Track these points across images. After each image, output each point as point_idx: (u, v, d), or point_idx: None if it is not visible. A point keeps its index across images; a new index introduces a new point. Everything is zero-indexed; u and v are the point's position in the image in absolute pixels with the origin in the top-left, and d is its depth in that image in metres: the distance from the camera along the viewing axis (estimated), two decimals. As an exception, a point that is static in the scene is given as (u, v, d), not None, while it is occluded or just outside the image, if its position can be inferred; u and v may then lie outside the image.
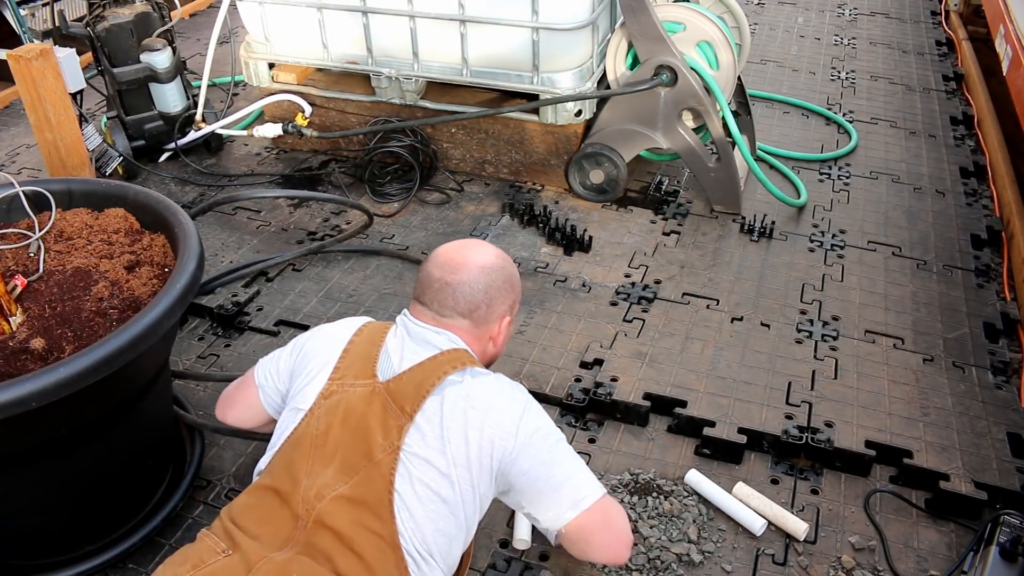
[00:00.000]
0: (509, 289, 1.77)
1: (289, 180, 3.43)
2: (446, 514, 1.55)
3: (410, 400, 1.59)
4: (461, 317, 1.71)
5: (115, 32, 3.23)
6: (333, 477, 1.53)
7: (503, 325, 1.78)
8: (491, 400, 1.63)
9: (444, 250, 1.77)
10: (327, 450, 1.57)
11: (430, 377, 1.61)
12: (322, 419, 1.61)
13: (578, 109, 3.12)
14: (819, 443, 2.19)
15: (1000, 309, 2.73)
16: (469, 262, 1.73)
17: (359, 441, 1.56)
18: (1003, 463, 2.18)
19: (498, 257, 1.78)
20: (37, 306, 1.78)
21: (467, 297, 1.70)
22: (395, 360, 1.66)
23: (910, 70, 4.43)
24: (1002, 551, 1.83)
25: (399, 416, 1.57)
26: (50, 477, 1.77)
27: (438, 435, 1.56)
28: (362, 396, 1.61)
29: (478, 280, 1.71)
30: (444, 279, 1.71)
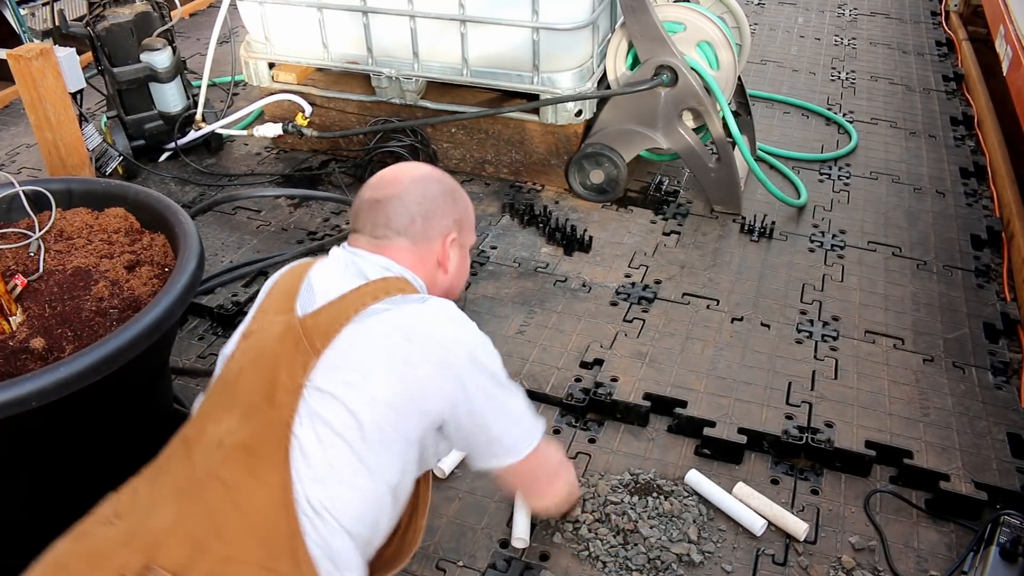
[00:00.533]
0: (450, 201, 1.58)
1: (289, 180, 3.43)
2: (354, 463, 1.33)
3: (322, 334, 1.39)
4: (397, 235, 1.53)
5: (115, 32, 3.22)
6: (235, 423, 1.37)
7: (447, 243, 1.58)
8: (432, 332, 1.42)
9: (376, 175, 1.62)
10: (235, 394, 1.41)
11: (347, 310, 1.41)
12: (237, 360, 1.46)
13: (578, 109, 3.12)
14: (819, 443, 2.19)
15: (1000, 309, 2.73)
16: (400, 177, 1.58)
17: (264, 382, 1.38)
18: (1003, 463, 2.18)
19: (435, 170, 1.62)
20: (37, 306, 1.78)
21: (399, 211, 1.53)
22: (318, 292, 1.47)
23: (910, 70, 4.43)
24: (1002, 551, 1.83)
25: (307, 353, 1.37)
26: (49, 477, 1.77)
27: (353, 368, 1.36)
28: (277, 334, 1.43)
29: (410, 191, 1.55)
30: (374, 197, 1.55)
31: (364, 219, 1.55)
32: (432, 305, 1.46)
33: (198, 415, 1.45)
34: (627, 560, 1.93)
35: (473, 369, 1.42)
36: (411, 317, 1.42)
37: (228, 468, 1.33)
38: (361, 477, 1.34)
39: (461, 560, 1.94)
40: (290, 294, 1.47)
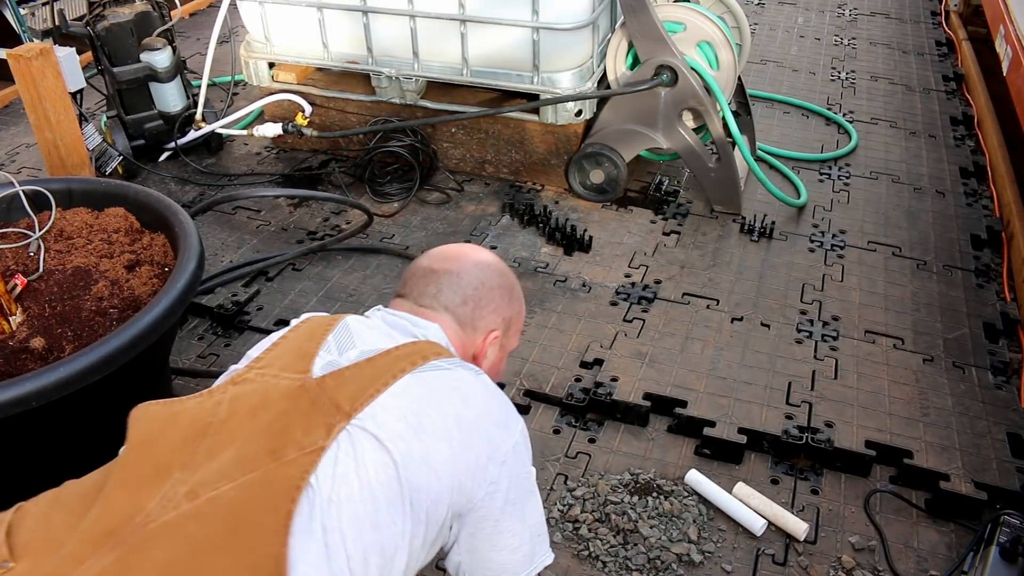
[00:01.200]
0: (506, 298, 1.48)
1: (289, 180, 3.43)
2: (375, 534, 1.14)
3: (351, 398, 1.21)
4: (444, 310, 1.42)
5: (115, 31, 3.22)
6: (218, 474, 1.12)
7: (488, 341, 1.46)
8: (488, 407, 1.30)
9: (439, 247, 1.53)
10: (220, 440, 1.17)
11: (383, 374, 1.25)
12: (224, 405, 1.22)
13: (578, 109, 3.12)
14: (819, 443, 2.19)
15: (1000, 309, 2.73)
16: (465, 255, 1.48)
17: (268, 437, 1.16)
18: (1003, 463, 2.18)
19: (500, 262, 1.52)
20: (37, 305, 1.78)
21: (453, 287, 1.43)
22: (342, 353, 1.30)
23: (910, 70, 4.44)
24: (1002, 551, 1.83)
25: (332, 414, 1.19)
26: (49, 478, 1.76)
27: (401, 419, 1.20)
28: (285, 390, 1.23)
29: (470, 272, 1.45)
30: (431, 267, 1.46)
31: (412, 285, 1.45)
32: (487, 379, 1.35)
33: (146, 447, 1.19)
34: (627, 560, 1.93)
35: (515, 461, 1.29)
36: (471, 382, 1.31)
37: (201, 524, 1.07)
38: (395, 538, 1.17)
39: (461, 560, 1.94)
40: (303, 356, 1.29)
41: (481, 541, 1.28)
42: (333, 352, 1.30)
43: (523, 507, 1.31)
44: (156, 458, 1.16)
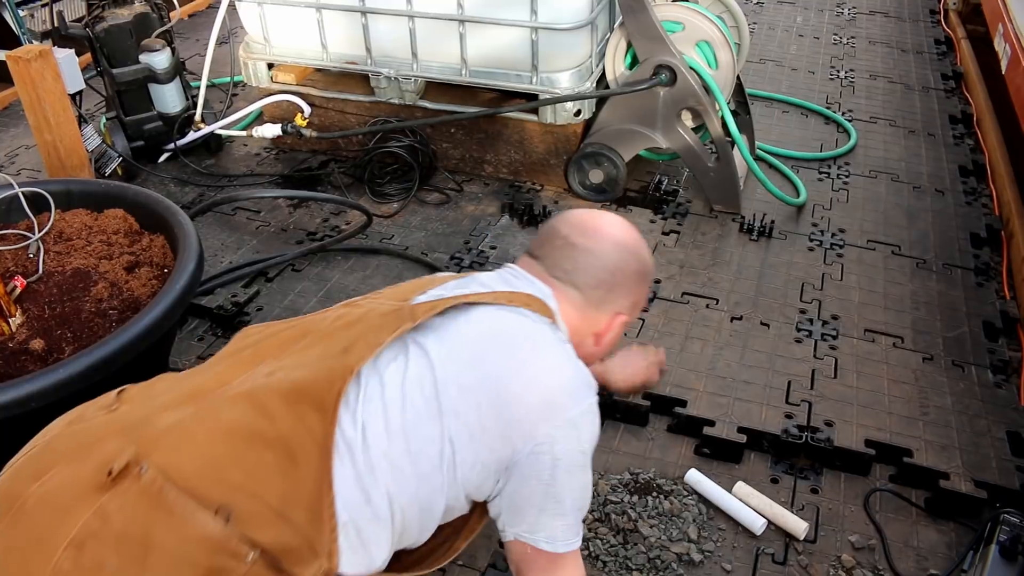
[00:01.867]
0: (639, 282, 1.48)
1: (288, 180, 3.43)
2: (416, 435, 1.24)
3: (424, 311, 1.31)
4: (573, 287, 1.42)
5: (114, 33, 3.22)
6: (295, 363, 1.29)
7: (615, 323, 1.48)
8: (559, 369, 1.30)
9: (579, 212, 1.49)
10: (313, 340, 1.34)
11: (474, 298, 1.34)
12: (329, 319, 1.38)
13: (577, 109, 3.12)
14: (819, 442, 2.19)
15: (999, 308, 2.73)
16: (605, 232, 1.45)
17: (348, 340, 1.30)
18: (1003, 462, 2.18)
19: (638, 240, 1.49)
20: (37, 307, 1.78)
21: (589, 267, 1.42)
22: (441, 295, 1.39)
23: (909, 69, 4.43)
24: (1002, 550, 1.83)
25: (404, 319, 1.31)
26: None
27: (463, 343, 1.28)
28: (383, 311, 1.36)
29: (609, 254, 1.43)
30: (571, 239, 1.43)
31: (548, 253, 1.45)
32: (571, 349, 1.36)
33: (254, 345, 1.36)
34: (627, 559, 1.93)
35: (572, 432, 1.30)
36: (551, 343, 1.33)
37: (268, 395, 1.23)
38: (432, 456, 1.25)
39: (461, 560, 1.94)
40: (412, 290, 1.43)
41: (523, 499, 1.30)
42: (448, 289, 1.41)
43: (570, 480, 1.31)
44: (258, 351, 1.34)
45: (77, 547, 1.11)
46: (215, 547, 1.13)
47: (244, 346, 1.38)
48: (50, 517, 1.13)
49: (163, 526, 1.12)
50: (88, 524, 1.12)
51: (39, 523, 1.14)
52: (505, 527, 1.35)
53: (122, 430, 1.20)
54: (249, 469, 1.18)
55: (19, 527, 1.14)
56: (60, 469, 1.17)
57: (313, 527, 1.18)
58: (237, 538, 1.14)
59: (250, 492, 1.16)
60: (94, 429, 1.23)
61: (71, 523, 1.12)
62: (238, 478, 1.17)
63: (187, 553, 1.12)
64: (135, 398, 1.29)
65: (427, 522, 1.32)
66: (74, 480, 1.15)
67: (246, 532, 1.15)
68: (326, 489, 1.19)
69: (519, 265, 1.48)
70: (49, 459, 1.19)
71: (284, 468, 1.18)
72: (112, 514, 1.12)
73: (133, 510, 1.12)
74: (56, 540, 1.11)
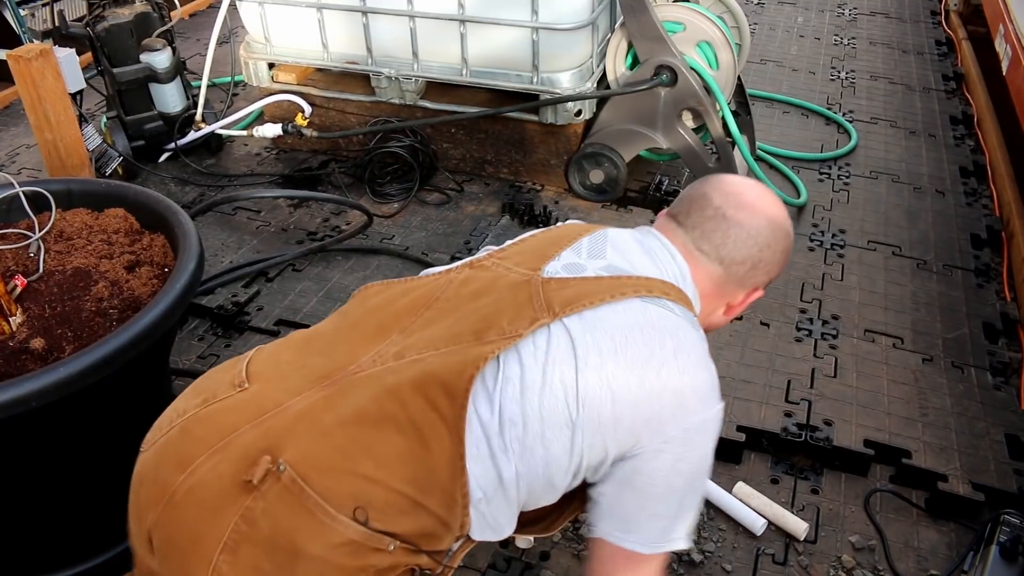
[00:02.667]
0: (781, 261, 1.43)
1: (289, 180, 3.43)
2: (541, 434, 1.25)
3: (564, 302, 1.27)
4: (717, 262, 1.38)
5: (115, 32, 3.23)
6: (425, 343, 1.27)
7: (750, 296, 1.46)
8: (697, 371, 1.27)
9: (732, 180, 1.43)
10: (439, 312, 1.31)
11: (605, 292, 1.29)
12: (454, 285, 1.35)
13: (578, 109, 3.12)
14: (818, 441, 2.19)
15: (1000, 309, 2.73)
16: (760, 208, 1.39)
17: (478, 318, 1.28)
18: (1001, 464, 2.18)
19: (787, 216, 1.43)
20: (37, 306, 1.78)
21: (738, 243, 1.37)
22: (591, 257, 1.35)
23: (910, 70, 4.44)
24: (1002, 551, 1.83)
25: (541, 311, 1.27)
26: (48, 478, 1.77)
27: (609, 336, 1.24)
28: (512, 281, 1.32)
29: (761, 232, 1.37)
30: (724, 211, 1.37)
31: (696, 223, 1.40)
32: (707, 349, 1.33)
33: (377, 311, 1.35)
34: None
35: (698, 436, 1.27)
36: (693, 342, 1.30)
37: (398, 379, 1.22)
38: (556, 450, 1.25)
39: (461, 560, 1.94)
40: (541, 257, 1.37)
41: (632, 492, 1.28)
42: (582, 255, 1.36)
43: (687, 483, 1.28)
44: (381, 320, 1.32)
45: (231, 551, 1.15)
46: (358, 548, 1.17)
47: (368, 310, 1.37)
48: (200, 515, 1.17)
49: (306, 533, 1.15)
50: (238, 527, 1.15)
51: (191, 520, 1.17)
52: (597, 521, 1.32)
53: (255, 418, 1.21)
54: (380, 458, 1.19)
55: (173, 520, 1.19)
56: (203, 461, 1.19)
57: (446, 509, 1.22)
58: (378, 535, 1.17)
59: (383, 484, 1.18)
60: (229, 414, 1.23)
61: (221, 525, 1.15)
62: (369, 469, 1.18)
63: (333, 559, 1.16)
64: (263, 374, 1.29)
65: (547, 498, 1.33)
66: (218, 476, 1.17)
67: (384, 527, 1.18)
68: (459, 472, 1.21)
69: (659, 229, 1.43)
70: (190, 447, 1.21)
71: (416, 453, 1.20)
72: (259, 518, 1.15)
73: (277, 514, 1.15)
74: (210, 541, 1.15)
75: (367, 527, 1.17)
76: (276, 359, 1.32)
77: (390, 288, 1.41)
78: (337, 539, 1.15)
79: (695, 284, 1.38)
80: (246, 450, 1.18)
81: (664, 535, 1.29)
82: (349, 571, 1.17)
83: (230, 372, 1.31)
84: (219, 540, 1.15)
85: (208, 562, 1.14)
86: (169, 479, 1.19)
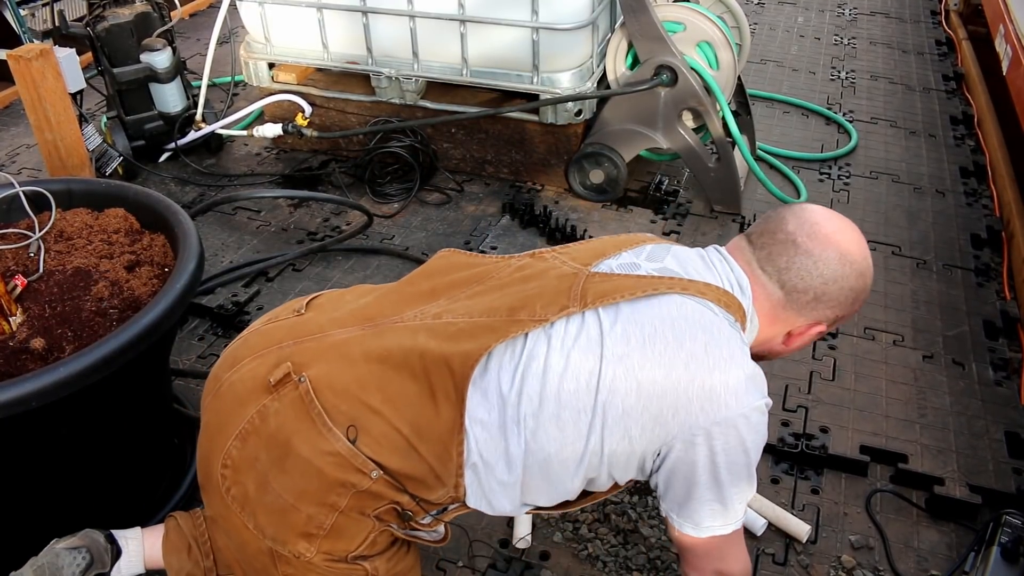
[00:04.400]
0: (850, 300, 1.40)
1: (289, 180, 3.43)
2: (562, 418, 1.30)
3: (598, 295, 1.32)
4: (778, 285, 1.38)
5: (115, 32, 3.23)
6: (466, 310, 1.35)
7: (811, 331, 1.44)
8: (728, 366, 1.28)
9: (814, 210, 1.42)
10: (487, 288, 1.40)
11: (645, 287, 1.32)
12: (510, 269, 1.43)
13: (578, 109, 3.12)
14: (814, 450, 2.19)
15: (1000, 308, 2.73)
16: (834, 240, 1.37)
17: (517, 299, 1.35)
18: (1000, 464, 2.18)
19: (866, 257, 1.40)
20: (37, 306, 1.78)
21: (803, 272, 1.36)
22: (650, 260, 1.39)
23: (910, 70, 4.43)
24: (1003, 551, 1.83)
25: (574, 300, 1.32)
26: (48, 477, 1.77)
27: (638, 325, 1.28)
28: (562, 273, 1.38)
29: (830, 264, 1.35)
30: (794, 238, 1.36)
31: (765, 244, 1.40)
32: (747, 349, 1.34)
33: (436, 276, 1.46)
34: (627, 560, 1.93)
35: (732, 431, 1.28)
36: (728, 338, 1.31)
37: (427, 335, 1.33)
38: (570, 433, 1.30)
39: (461, 560, 1.94)
40: (596, 254, 1.43)
41: (677, 479, 1.34)
42: (641, 257, 1.41)
43: (729, 473, 1.31)
44: (435, 285, 1.44)
45: (242, 439, 1.32)
46: (341, 462, 1.29)
47: (427, 274, 1.48)
48: (232, 405, 1.35)
49: (302, 436, 1.29)
50: (252, 420, 1.32)
51: (225, 408, 1.36)
52: (661, 500, 1.41)
53: (299, 336, 1.37)
54: (389, 395, 1.30)
55: (214, 408, 1.38)
56: (247, 363, 1.37)
57: (439, 462, 1.32)
58: (362, 457, 1.29)
59: (384, 417, 1.30)
60: (280, 331, 1.40)
61: (242, 415, 1.32)
62: (376, 401, 1.30)
63: (317, 463, 1.29)
64: (322, 306, 1.46)
65: (557, 484, 1.37)
66: (253, 376, 1.35)
67: (371, 454, 1.30)
68: (457, 430, 1.30)
69: (728, 246, 1.46)
70: (243, 351, 1.40)
71: (422, 401, 1.31)
72: (270, 416, 1.31)
73: (285, 415, 1.30)
74: (231, 428, 1.33)
75: (354, 446, 1.29)
76: (337, 298, 1.49)
77: (456, 257, 1.52)
78: (325, 447, 1.29)
79: (752, 300, 1.40)
80: (280, 359, 1.34)
81: (716, 516, 1.35)
82: (328, 480, 1.30)
83: (297, 301, 1.49)
84: (237, 428, 1.32)
85: (224, 445, 1.32)
86: (221, 375, 1.39)
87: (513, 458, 1.32)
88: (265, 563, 1.37)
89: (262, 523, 1.33)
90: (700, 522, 1.35)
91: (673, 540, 1.44)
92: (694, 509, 1.35)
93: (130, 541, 1.62)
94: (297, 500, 1.30)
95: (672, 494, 1.37)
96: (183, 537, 1.61)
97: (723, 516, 1.35)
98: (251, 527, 1.33)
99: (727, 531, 1.37)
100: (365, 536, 1.35)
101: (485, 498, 1.37)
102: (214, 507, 1.40)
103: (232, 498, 1.34)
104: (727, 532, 1.37)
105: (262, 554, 1.36)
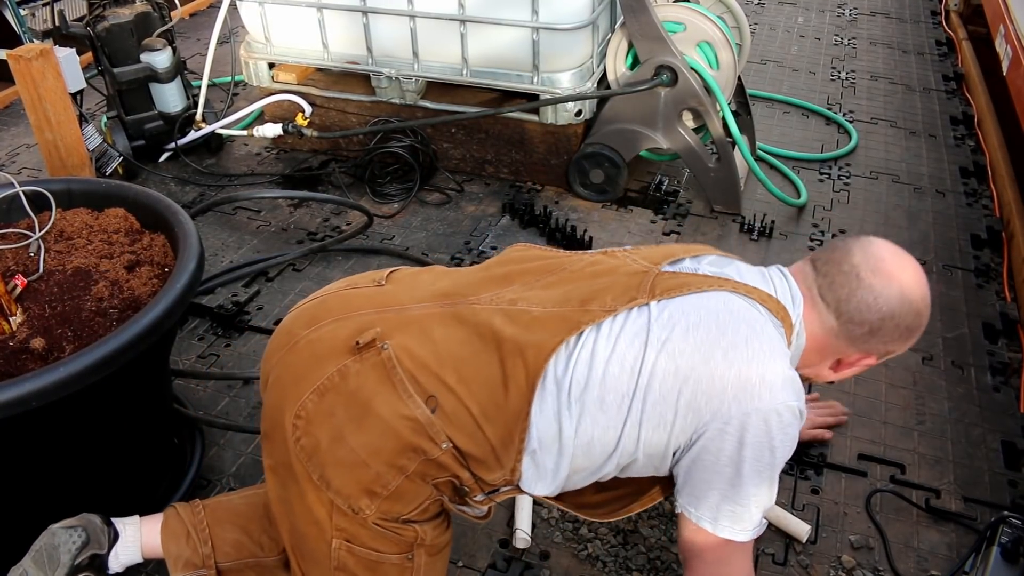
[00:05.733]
0: (905, 337, 1.43)
1: (289, 180, 3.43)
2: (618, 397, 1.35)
3: (665, 289, 1.39)
4: (835, 314, 1.41)
5: (115, 32, 3.23)
6: (539, 299, 1.42)
7: (861, 362, 1.48)
8: (767, 360, 1.32)
9: (881, 245, 1.43)
10: (560, 279, 1.47)
11: (703, 284, 1.40)
12: (583, 263, 1.51)
13: (578, 109, 3.12)
14: (812, 458, 2.19)
15: (1000, 309, 2.73)
16: (896, 277, 1.39)
17: (590, 291, 1.42)
18: (995, 476, 2.17)
19: (924, 297, 1.42)
20: (37, 306, 1.78)
21: (861, 304, 1.39)
22: (696, 268, 1.46)
23: (910, 70, 4.43)
24: (1004, 552, 1.83)
25: (643, 293, 1.39)
26: (48, 477, 1.77)
27: (684, 313, 1.35)
28: (632, 270, 1.46)
29: (889, 302, 1.38)
30: (859, 270, 1.39)
31: (828, 272, 1.43)
32: (787, 352, 1.38)
33: (513, 263, 1.53)
34: (627, 560, 1.93)
35: (762, 425, 1.31)
36: (770, 337, 1.35)
37: (503, 320, 1.39)
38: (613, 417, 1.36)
39: (461, 560, 1.94)
40: (668, 256, 1.50)
41: (699, 468, 1.36)
42: (702, 263, 1.48)
43: (753, 470, 1.33)
44: (510, 272, 1.50)
45: (320, 394, 1.36)
46: (418, 428, 1.35)
47: (502, 262, 1.55)
48: (309, 361, 1.39)
49: (382, 398, 1.35)
50: (331, 378, 1.37)
51: (301, 364, 1.40)
52: (676, 494, 1.43)
53: (380, 306, 1.43)
54: (463, 376, 1.36)
55: (288, 362, 1.42)
56: (327, 324, 1.42)
57: (501, 445, 1.37)
58: (438, 427, 1.35)
59: (457, 396, 1.36)
60: (361, 298, 1.46)
61: (322, 372, 1.37)
62: (452, 380, 1.36)
63: (395, 425, 1.34)
64: (401, 281, 1.52)
65: (597, 466, 1.42)
66: (333, 336, 1.40)
67: (445, 428, 1.35)
68: (522, 417, 1.36)
69: (792, 269, 1.51)
70: (322, 312, 1.45)
71: (493, 386, 1.36)
72: (351, 376, 1.36)
73: (367, 377, 1.36)
74: (309, 382, 1.37)
75: (433, 414, 1.35)
76: (415, 275, 1.55)
77: (530, 251, 1.58)
78: (405, 411, 1.35)
79: (804, 319, 1.44)
80: (362, 326, 1.39)
81: (735, 518, 1.36)
82: (403, 443, 1.35)
83: (376, 273, 1.55)
84: (314, 383, 1.37)
85: (300, 397, 1.37)
86: (297, 331, 1.44)
87: (565, 443, 1.37)
88: (320, 514, 1.39)
89: (329, 475, 1.36)
90: (718, 519, 1.37)
91: (682, 543, 1.44)
92: (712, 504, 1.37)
93: (128, 527, 1.65)
94: (370, 457, 1.34)
95: (690, 486, 1.38)
96: (182, 524, 1.64)
97: (739, 520, 1.36)
98: (315, 478, 1.36)
99: (742, 538, 1.38)
100: (421, 502, 1.41)
101: (537, 481, 1.42)
102: (276, 456, 1.43)
103: (301, 447, 1.37)
104: (741, 539, 1.38)
105: (320, 504, 1.39)
